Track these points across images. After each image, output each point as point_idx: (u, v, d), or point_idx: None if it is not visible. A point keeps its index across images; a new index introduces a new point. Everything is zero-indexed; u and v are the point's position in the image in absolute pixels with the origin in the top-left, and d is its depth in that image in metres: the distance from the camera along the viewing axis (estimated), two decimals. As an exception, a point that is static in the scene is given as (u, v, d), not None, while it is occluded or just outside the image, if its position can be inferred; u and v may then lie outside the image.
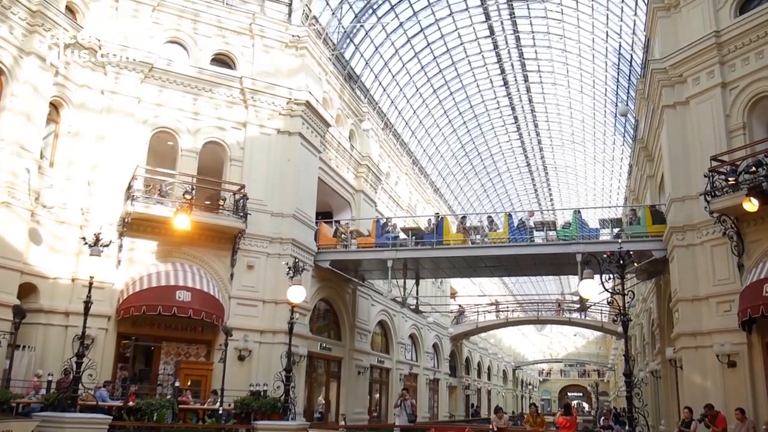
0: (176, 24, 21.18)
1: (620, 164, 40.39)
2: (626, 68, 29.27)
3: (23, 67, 16.65)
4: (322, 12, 25.63)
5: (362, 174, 28.62)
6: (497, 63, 35.97)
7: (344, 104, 27.60)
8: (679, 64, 18.56)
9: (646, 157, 24.27)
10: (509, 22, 32.34)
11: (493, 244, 22.36)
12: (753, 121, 17.11)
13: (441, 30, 32.09)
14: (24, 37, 16.75)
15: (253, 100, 21.42)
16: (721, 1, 18.17)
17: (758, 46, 16.81)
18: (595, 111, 37.96)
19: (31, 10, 16.71)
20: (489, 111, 41.11)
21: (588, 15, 29.57)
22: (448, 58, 34.45)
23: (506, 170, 50.50)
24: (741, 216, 15.80)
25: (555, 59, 35.26)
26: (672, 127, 18.86)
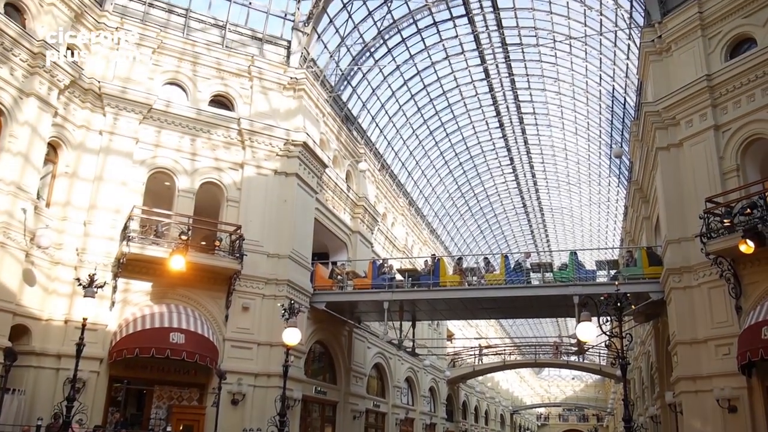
0: (176, 66, 21.42)
1: (616, 206, 40.54)
2: (620, 111, 29.59)
3: (23, 108, 16.76)
4: (320, 55, 25.97)
5: (359, 215, 28.64)
6: (493, 105, 36.35)
7: (341, 145, 27.78)
8: (672, 107, 18.78)
9: (642, 198, 24.38)
10: (504, 65, 32.80)
11: (490, 285, 22.25)
12: (746, 163, 17.25)
13: (437, 73, 32.52)
14: (24, 79, 16.91)
15: (251, 141, 21.55)
16: (712, 46, 18.49)
17: (749, 89, 17.05)
18: (590, 153, 38.26)
19: (33, 52, 16.90)
20: (485, 152, 41.37)
21: (581, 59, 30.02)
22: (444, 101, 34.82)
23: (502, 211, 50.60)
24: (737, 258, 15.79)
25: (550, 102, 35.68)
26: (666, 169, 18.98)
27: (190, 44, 21.65)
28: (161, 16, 21.89)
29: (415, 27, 28.94)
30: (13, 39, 16.51)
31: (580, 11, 26.73)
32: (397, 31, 28.56)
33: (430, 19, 28.98)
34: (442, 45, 30.70)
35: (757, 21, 17.41)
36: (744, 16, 17.79)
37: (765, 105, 16.67)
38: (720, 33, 18.38)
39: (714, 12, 18.43)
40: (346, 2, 25.73)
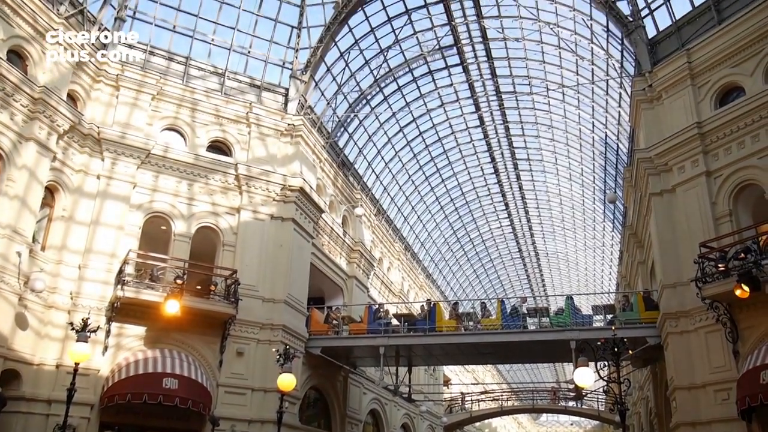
0: (175, 112, 21.71)
1: (611, 250, 40.65)
2: (613, 157, 29.96)
3: (22, 153, 16.92)
4: (317, 102, 26.40)
5: (355, 260, 28.65)
6: (487, 151, 36.77)
7: (337, 191, 27.97)
8: (664, 153, 19.05)
9: (636, 243, 24.49)
10: (498, 112, 33.32)
11: (486, 330, 22.14)
12: (739, 208, 17.43)
13: (433, 120, 33.01)
14: (24, 124, 17.11)
15: (248, 186, 21.70)
16: (702, 94, 18.86)
17: (739, 136, 17.33)
18: (585, 198, 38.54)
19: (34, 98, 17.15)
20: (480, 197, 41.67)
21: (574, 107, 30.52)
22: (439, 147, 35.24)
23: (498, 256, 50.66)
24: (733, 302, 15.80)
25: (544, 148, 36.11)
26: (660, 215, 19.14)
27: (189, 91, 21.99)
28: (161, 64, 22.30)
29: (411, 75, 29.51)
30: (15, 85, 16.77)
31: (572, 61, 27.31)
32: (393, 80, 29.11)
33: (425, 68, 29.59)
34: (438, 93, 31.25)
35: (744, 71, 17.82)
36: (732, 66, 18.21)
37: (755, 151, 16.92)
38: (709, 82, 18.77)
39: (702, 62, 18.85)
40: (344, 51, 26.29)
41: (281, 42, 24.37)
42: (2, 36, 17.03)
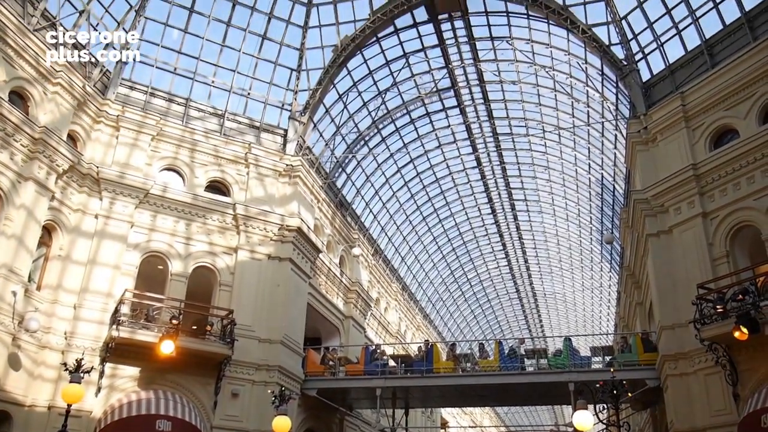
0: (174, 152, 21.87)
1: (609, 291, 40.54)
2: (609, 198, 30.11)
3: (20, 192, 16.98)
4: (316, 143, 26.63)
5: (352, 300, 28.53)
6: (485, 192, 36.95)
7: (335, 231, 28.01)
8: (660, 194, 19.17)
9: (634, 284, 24.45)
10: (495, 154, 33.57)
11: (484, 372, 21.95)
12: (736, 249, 17.46)
13: (430, 161, 33.25)
14: (24, 163, 17.21)
15: (246, 226, 21.73)
16: (696, 136, 19.07)
17: (734, 177, 17.47)
18: (582, 238, 38.59)
19: (34, 138, 17.29)
20: (477, 238, 41.70)
21: (570, 148, 30.79)
22: (436, 187, 35.42)
23: (495, 296, 50.47)
24: (732, 344, 15.71)
25: (540, 189, 36.30)
26: (657, 256, 19.16)
27: (189, 132, 22.19)
28: (162, 105, 22.55)
29: (409, 117, 29.84)
30: (16, 125, 16.92)
31: (568, 103, 27.65)
32: (390, 121, 29.41)
33: (423, 110, 29.92)
34: (435, 134, 31.56)
35: (738, 114, 18.06)
36: (725, 109, 18.46)
37: (751, 193, 17.05)
38: (703, 124, 19.00)
39: (696, 105, 19.11)
40: (342, 93, 26.64)
41: (281, 84, 24.74)
42: (5, 77, 17.26)
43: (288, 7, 24.15)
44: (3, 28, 17.01)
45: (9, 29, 17.16)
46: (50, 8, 18.94)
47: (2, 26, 16.98)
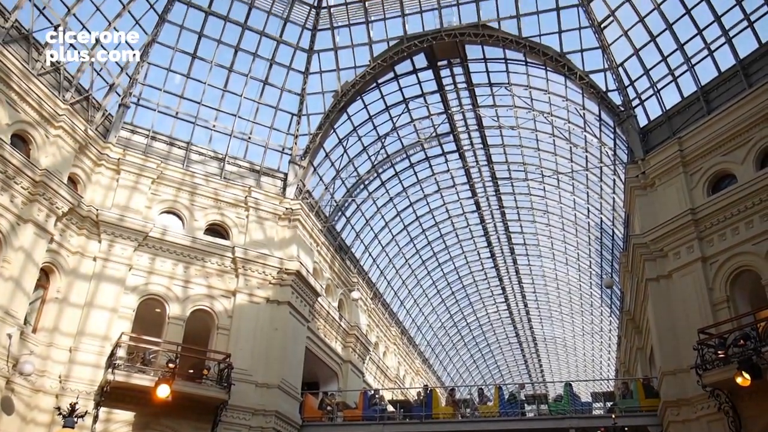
0: (174, 195, 21.94)
1: (609, 335, 40.25)
2: (609, 242, 30.12)
3: (19, 235, 16.97)
4: (316, 186, 26.77)
5: (350, 344, 28.28)
6: (484, 236, 37.00)
7: (334, 274, 27.93)
8: (659, 239, 19.17)
9: (634, 329, 24.27)
10: (495, 198, 33.73)
11: (484, 418, 21.62)
12: (736, 294, 17.38)
13: (429, 204, 33.38)
14: (24, 206, 17.25)
15: (244, 270, 21.67)
16: (694, 181, 19.18)
17: (733, 222, 17.51)
18: (581, 283, 38.48)
19: (35, 181, 17.36)
20: (477, 282, 41.59)
21: (569, 192, 30.94)
22: (436, 231, 35.47)
23: (495, 341, 50.08)
24: (735, 390, 15.51)
25: (540, 233, 36.34)
26: (657, 300, 19.07)
27: (189, 175, 22.31)
28: (163, 148, 22.73)
29: (408, 161, 30.06)
30: (17, 168, 17.02)
31: (566, 148, 27.88)
32: (390, 165, 29.63)
33: (422, 155, 30.17)
34: (435, 178, 31.75)
35: (735, 158, 18.20)
36: (723, 154, 18.61)
37: (750, 238, 17.06)
38: (701, 169, 19.13)
39: (693, 150, 19.27)
40: (342, 138, 26.91)
41: (281, 128, 25.01)
42: (8, 121, 17.43)
43: (289, 53, 24.59)
44: (7, 73, 17.26)
45: (13, 74, 17.41)
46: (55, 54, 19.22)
47: (6, 71, 17.23)
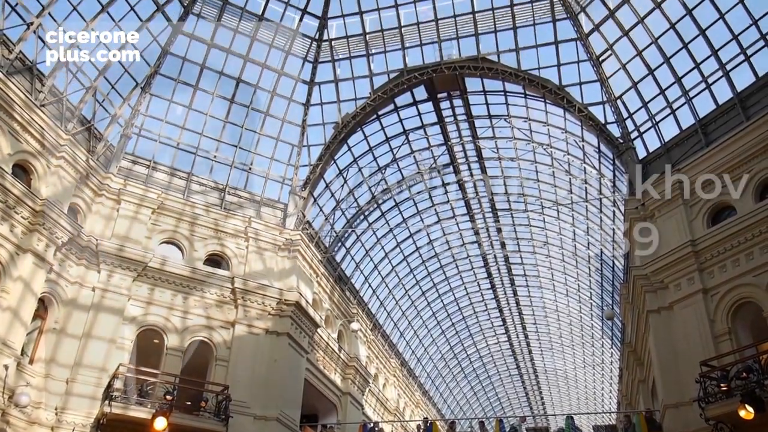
0: (174, 226, 21.94)
1: (610, 368, 39.91)
2: (609, 273, 30.05)
3: (18, 264, 16.93)
4: (316, 217, 26.81)
5: (350, 376, 28.03)
6: (484, 267, 36.93)
7: (334, 305, 27.80)
8: (660, 270, 19.12)
9: (636, 361, 24.07)
10: (494, 229, 33.74)
11: (485, 452, 21.34)
12: (737, 326, 17.27)
13: (429, 235, 33.38)
14: (23, 235, 17.24)
15: (244, 300, 21.58)
16: (694, 213, 19.19)
17: (733, 254, 17.48)
18: (582, 314, 38.29)
19: (35, 210, 17.38)
20: (477, 313, 41.39)
21: (569, 223, 30.95)
22: (436, 262, 35.42)
23: (496, 373, 49.65)
24: (738, 423, 15.30)
25: (540, 264, 36.28)
26: (658, 332, 18.95)
27: (189, 206, 22.34)
28: (163, 179, 22.80)
29: (408, 192, 30.14)
30: (17, 198, 17.05)
31: (566, 180, 27.99)
32: (390, 196, 29.70)
33: (422, 186, 30.25)
34: (434, 209, 31.80)
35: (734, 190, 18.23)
36: (722, 186, 18.63)
37: (750, 269, 17.01)
38: (700, 201, 19.14)
39: (692, 182, 19.32)
40: (342, 169, 27.03)
41: (282, 159, 25.11)
42: (9, 151, 17.52)
43: (291, 85, 24.82)
44: (10, 103, 17.40)
45: (16, 104, 17.55)
46: (57, 84, 19.41)
47: (9, 101, 17.37)
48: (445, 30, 24.02)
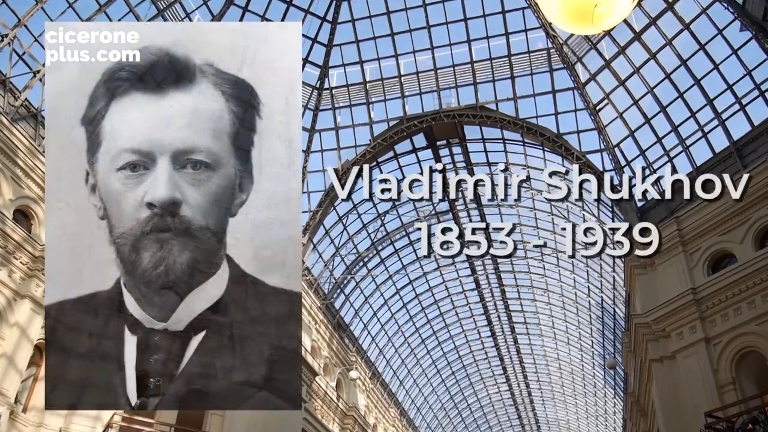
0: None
1: (614, 418, 39.26)
2: (610, 321, 29.84)
3: (15, 310, 16.78)
4: (315, 263, 26.77)
5: (348, 426, 27.53)
6: (484, 315, 36.70)
7: (332, 353, 27.49)
8: (661, 319, 18.95)
9: (639, 411, 23.67)
10: (494, 276, 33.66)
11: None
12: (742, 376, 17.01)
13: (429, 282, 33.28)
14: (22, 281, 17.14)
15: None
16: (694, 261, 19.13)
17: (735, 302, 17.34)
18: (584, 363, 37.84)
19: (34, 256, 17.32)
20: (477, 362, 40.93)
21: (569, 271, 30.88)
22: (435, 309, 35.21)
23: (497, 423, 48.79)
24: (745, 477, 15.01)
25: (540, 312, 36.06)
26: (662, 382, 18.68)
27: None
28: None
29: (408, 239, 30.15)
30: (18, 243, 17.00)
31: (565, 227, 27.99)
32: (389, 243, 29.70)
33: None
34: (434, 256, 31.52)
35: (734, 238, 18.21)
36: (721, 234, 18.62)
37: (753, 318, 16.86)
38: (700, 249, 19.10)
39: (692, 230, 19.28)
40: (342, 216, 27.08)
41: (282, 206, 25.11)
42: (11, 196, 17.55)
43: (291, 132, 25.01)
44: (14, 150, 17.51)
45: (20, 150, 17.66)
46: (62, 131, 19.58)
47: (14, 147, 17.49)
48: (444, 79, 24.42)
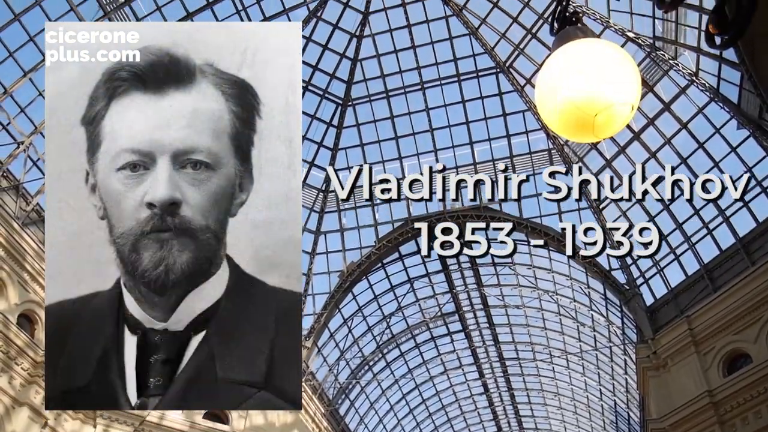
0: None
1: None
2: (624, 425, 28.85)
3: (13, 418, 16.32)
4: (320, 368, 26.19)
5: None
6: (493, 420, 35.57)
7: (337, 462, 26.46)
8: (678, 424, 18.25)
9: None
10: (503, 379, 32.87)
11: None
12: (768, 484, 16.26)
13: (436, 386, 32.48)
14: (22, 388, 16.75)
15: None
16: (708, 361, 18.65)
17: (754, 405, 16.75)
18: (599, 472, 36.28)
19: (35, 362, 17.01)
20: (488, 470, 39.26)
21: (580, 373, 30.16)
22: (443, 414, 34.17)
23: None
24: None
25: (552, 416, 34.95)
26: (683, 492, 17.82)
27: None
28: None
29: (414, 341, 29.69)
30: (20, 348, 16.73)
31: (574, 327, 27.63)
32: (395, 345, 29.23)
33: (428, 335, 29.86)
34: (440, 359, 31.16)
35: (747, 337, 17.83)
36: (734, 333, 18.25)
37: (774, 422, 16.31)
38: (714, 349, 18.67)
39: (704, 329, 18.91)
40: (347, 318, 26.79)
41: (287, 308, 24.88)
42: (17, 301, 17.44)
43: (296, 235, 25.16)
44: (23, 254, 17.57)
45: (28, 254, 17.71)
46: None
47: (22, 252, 17.54)
48: (448, 180, 24.77)
